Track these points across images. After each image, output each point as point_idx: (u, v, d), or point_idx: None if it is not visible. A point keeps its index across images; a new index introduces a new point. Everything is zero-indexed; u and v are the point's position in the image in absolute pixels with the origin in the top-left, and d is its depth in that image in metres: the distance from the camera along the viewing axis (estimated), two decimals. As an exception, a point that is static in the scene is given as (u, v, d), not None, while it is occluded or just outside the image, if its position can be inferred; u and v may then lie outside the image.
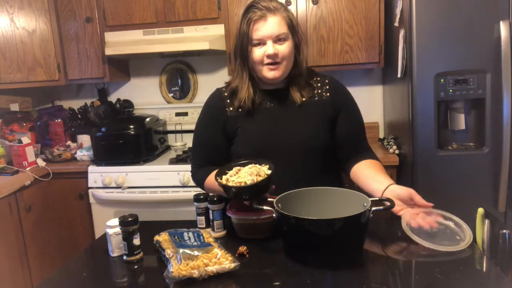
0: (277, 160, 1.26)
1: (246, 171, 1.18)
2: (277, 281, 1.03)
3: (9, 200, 2.18)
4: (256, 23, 1.31)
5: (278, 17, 1.31)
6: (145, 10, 2.51)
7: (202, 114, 1.50)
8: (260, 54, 1.33)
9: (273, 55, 1.31)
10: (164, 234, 1.20)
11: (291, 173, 1.35)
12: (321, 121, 1.41)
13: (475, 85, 1.91)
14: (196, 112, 2.81)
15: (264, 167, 1.20)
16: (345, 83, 1.54)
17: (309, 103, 1.41)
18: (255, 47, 1.33)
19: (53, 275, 1.14)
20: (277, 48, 1.31)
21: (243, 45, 1.35)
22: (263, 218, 1.19)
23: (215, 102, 1.48)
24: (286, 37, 1.33)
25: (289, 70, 1.38)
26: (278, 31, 1.31)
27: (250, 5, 1.34)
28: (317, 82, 1.46)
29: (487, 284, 0.98)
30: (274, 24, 1.30)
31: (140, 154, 2.45)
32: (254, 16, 1.31)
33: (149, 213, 2.06)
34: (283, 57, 1.33)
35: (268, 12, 1.30)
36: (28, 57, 2.57)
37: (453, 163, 1.96)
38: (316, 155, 1.40)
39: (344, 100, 1.46)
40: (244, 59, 1.37)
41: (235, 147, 1.43)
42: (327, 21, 2.36)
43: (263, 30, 1.30)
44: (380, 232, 1.27)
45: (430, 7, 1.88)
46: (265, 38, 1.31)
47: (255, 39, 1.32)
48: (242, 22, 1.34)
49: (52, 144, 2.78)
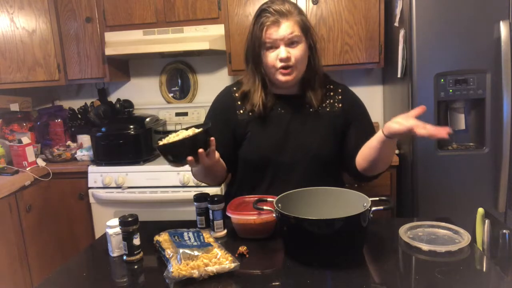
0: (284, 167, 1.25)
1: (184, 132, 1.16)
2: (277, 281, 1.03)
3: (9, 200, 2.18)
4: (269, 28, 1.29)
5: (291, 21, 1.29)
6: (145, 10, 2.51)
7: (212, 112, 1.48)
8: (273, 58, 1.31)
9: (285, 58, 1.29)
10: (164, 234, 1.20)
11: (296, 182, 1.33)
12: (332, 133, 1.40)
13: (475, 85, 1.91)
14: (196, 112, 2.81)
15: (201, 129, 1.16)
16: (345, 83, 1.53)
17: (321, 112, 1.40)
18: (268, 51, 1.32)
19: (53, 275, 1.14)
20: (290, 51, 1.30)
21: (255, 50, 1.33)
22: (263, 218, 1.20)
23: (226, 103, 1.46)
24: (299, 40, 1.31)
25: (302, 73, 1.36)
26: (290, 34, 1.29)
27: (263, 9, 1.32)
28: (329, 90, 1.44)
29: (487, 284, 0.98)
30: (287, 28, 1.29)
31: (140, 154, 2.45)
32: (267, 21, 1.29)
33: (149, 213, 2.05)
34: (296, 60, 1.31)
35: (281, 16, 1.29)
36: (28, 57, 2.57)
37: (453, 163, 1.96)
38: (322, 165, 1.39)
39: (357, 113, 1.43)
40: (257, 63, 1.35)
41: (243, 151, 1.43)
42: (327, 21, 2.36)
43: (276, 34, 1.29)
44: (380, 232, 1.27)
45: (430, 7, 1.88)
46: (278, 42, 1.29)
47: (268, 42, 1.30)
48: (255, 27, 1.32)
49: (52, 144, 2.78)
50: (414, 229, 1.22)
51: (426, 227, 1.23)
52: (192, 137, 1.13)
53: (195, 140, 1.13)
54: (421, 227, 1.23)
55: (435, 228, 1.22)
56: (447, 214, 1.41)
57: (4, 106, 2.74)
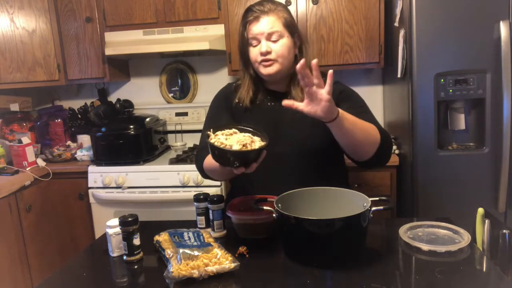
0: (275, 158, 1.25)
1: (239, 137, 1.15)
2: (277, 281, 1.03)
3: (9, 200, 2.18)
4: (250, 23, 1.37)
5: (272, 16, 1.36)
6: (145, 10, 2.51)
7: (212, 103, 1.57)
8: (255, 53, 1.38)
9: (265, 52, 1.35)
10: (164, 234, 1.20)
11: (287, 174, 1.36)
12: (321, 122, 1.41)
13: (475, 85, 1.91)
14: (196, 112, 2.82)
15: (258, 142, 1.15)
16: (345, 83, 1.53)
17: None
18: (252, 46, 1.38)
19: (53, 275, 1.14)
20: (271, 46, 1.36)
21: (242, 47, 1.42)
22: (263, 218, 1.20)
23: (224, 93, 1.56)
24: (281, 35, 1.36)
25: (286, 68, 1.39)
26: (269, 29, 1.35)
27: (248, 9, 1.40)
28: None
29: (487, 284, 0.98)
30: (266, 23, 1.35)
31: (140, 154, 2.45)
32: (249, 17, 1.37)
33: (149, 213, 2.05)
34: (277, 54, 1.36)
35: (262, 13, 1.36)
36: (28, 57, 2.57)
37: (453, 163, 1.96)
38: (313, 156, 1.40)
39: (344, 95, 1.43)
40: (245, 60, 1.44)
41: None
42: (327, 21, 2.36)
43: (255, 29, 1.36)
44: (380, 232, 1.27)
45: (430, 7, 1.88)
46: (258, 35, 1.36)
47: (250, 38, 1.38)
48: (241, 25, 1.41)
49: (52, 144, 2.78)
50: (414, 229, 1.22)
51: (426, 227, 1.23)
52: (257, 150, 1.11)
53: (258, 154, 1.12)
54: (421, 227, 1.23)
55: (435, 228, 1.22)
56: (447, 214, 1.42)
57: (4, 106, 2.74)
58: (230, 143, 1.12)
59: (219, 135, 1.17)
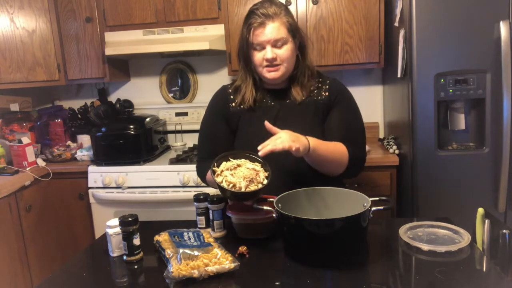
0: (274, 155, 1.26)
1: (243, 171, 1.18)
2: (277, 281, 1.03)
3: (9, 200, 2.18)
4: (256, 29, 1.37)
5: (277, 22, 1.36)
6: (145, 10, 2.51)
7: (207, 109, 1.57)
8: (259, 58, 1.39)
9: (271, 59, 1.37)
10: (164, 234, 1.21)
11: (286, 172, 1.37)
12: (318, 119, 1.44)
13: (475, 85, 1.91)
14: (196, 112, 2.82)
15: (262, 172, 1.20)
16: (345, 83, 1.55)
17: (308, 102, 1.45)
18: (256, 51, 1.39)
19: (53, 275, 1.14)
20: (276, 52, 1.37)
21: (245, 49, 1.42)
22: (263, 218, 1.20)
23: (219, 98, 1.55)
24: (286, 41, 1.38)
25: (289, 71, 1.43)
26: (276, 37, 1.36)
27: (251, 11, 1.40)
28: (319, 82, 1.49)
29: (487, 284, 0.98)
30: (272, 30, 1.35)
31: (140, 154, 2.45)
32: (254, 23, 1.37)
33: (149, 213, 2.05)
34: (282, 60, 1.38)
35: (267, 19, 1.36)
36: (28, 57, 2.57)
37: (453, 163, 1.96)
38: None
39: (340, 98, 1.46)
40: (247, 62, 1.45)
41: (236, 141, 1.50)
42: (327, 21, 2.36)
43: (262, 36, 1.36)
44: (380, 232, 1.27)
45: (430, 7, 1.88)
46: (264, 43, 1.37)
47: (255, 44, 1.38)
48: (244, 27, 1.41)
49: (52, 144, 2.78)
50: (414, 229, 1.22)
51: (426, 227, 1.23)
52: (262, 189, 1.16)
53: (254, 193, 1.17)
54: (421, 227, 1.23)
55: (435, 228, 1.22)
56: (447, 214, 1.42)
57: (4, 106, 2.74)
58: (237, 180, 1.16)
59: (224, 171, 1.20)
